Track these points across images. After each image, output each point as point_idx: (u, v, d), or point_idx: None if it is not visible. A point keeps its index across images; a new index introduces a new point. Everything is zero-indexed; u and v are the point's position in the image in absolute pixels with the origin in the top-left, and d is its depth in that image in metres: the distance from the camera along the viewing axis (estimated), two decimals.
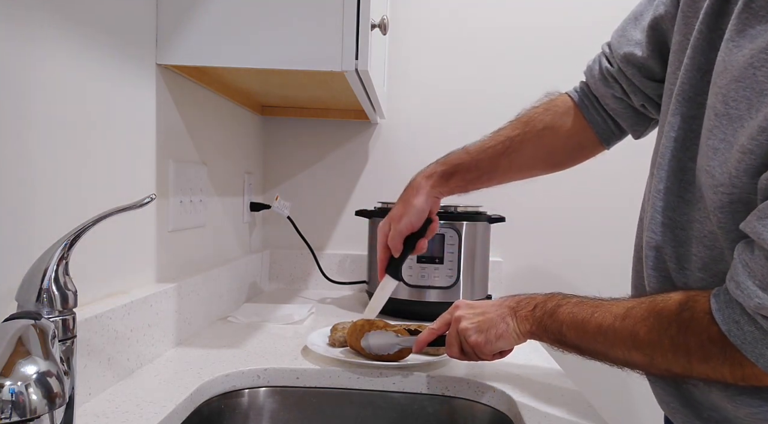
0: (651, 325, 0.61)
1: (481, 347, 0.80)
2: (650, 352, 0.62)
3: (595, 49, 0.94)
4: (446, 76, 1.63)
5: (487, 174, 0.99)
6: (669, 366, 0.61)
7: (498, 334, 0.78)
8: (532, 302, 0.77)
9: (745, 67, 0.53)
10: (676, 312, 0.60)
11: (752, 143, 0.52)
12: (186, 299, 1.00)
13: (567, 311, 0.71)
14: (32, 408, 0.43)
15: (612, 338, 0.65)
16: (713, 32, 0.61)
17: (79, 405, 0.70)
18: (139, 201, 0.58)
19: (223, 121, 1.26)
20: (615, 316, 0.65)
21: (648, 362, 0.63)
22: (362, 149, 1.65)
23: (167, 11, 0.92)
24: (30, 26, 0.63)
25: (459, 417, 0.88)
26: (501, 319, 0.79)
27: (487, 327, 0.79)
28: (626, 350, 0.64)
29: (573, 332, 0.70)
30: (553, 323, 0.72)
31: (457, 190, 1.00)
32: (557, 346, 0.74)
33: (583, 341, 0.69)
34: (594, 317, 0.68)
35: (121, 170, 0.84)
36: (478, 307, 0.83)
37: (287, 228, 1.55)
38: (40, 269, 0.54)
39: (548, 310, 0.74)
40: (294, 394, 0.89)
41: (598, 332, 0.67)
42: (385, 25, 1.01)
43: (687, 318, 0.59)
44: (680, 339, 0.59)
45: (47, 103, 0.66)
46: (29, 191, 0.64)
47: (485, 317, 0.81)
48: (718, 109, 0.57)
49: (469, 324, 0.81)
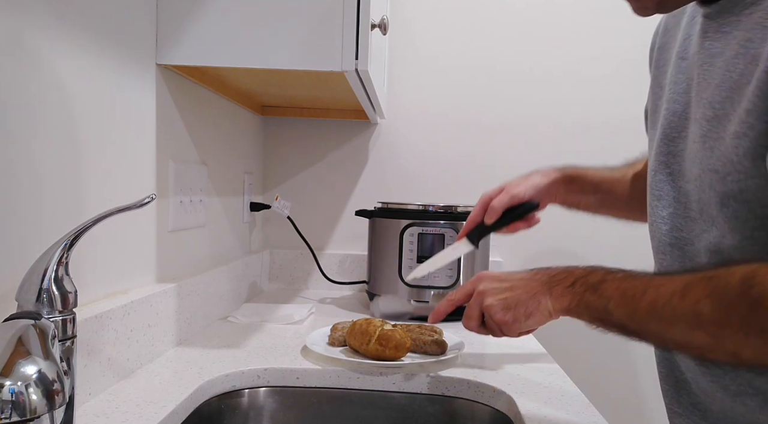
0: (716, 303, 0.56)
1: (509, 325, 0.75)
2: (716, 331, 0.56)
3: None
4: (446, 76, 1.63)
5: (603, 195, 0.97)
6: (738, 348, 0.56)
7: (528, 312, 0.73)
8: (570, 277, 0.71)
9: (722, 74, 0.61)
10: (742, 289, 0.55)
11: (743, 126, 0.57)
12: (186, 299, 1.00)
13: (614, 286, 0.65)
14: (32, 408, 0.43)
15: (670, 317, 0.60)
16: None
17: (79, 405, 0.70)
18: (139, 201, 0.58)
19: (223, 121, 1.26)
20: (672, 293, 0.60)
21: (713, 344, 0.57)
22: (362, 149, 1.65)
23: (167, 11, 0.92)
24: (30, 27, 0.63)
25: (459, 417, 0.88)
26: (531, 296, 0.73)
27: (515, 304, 0.74)
28: (688, 330, 0.59)
29: (621, 310, 0.64)
30: (598, 300, 0.66)
31: (572, 196, 0.97)
32: (597, 324, 0.68)
33: (634, 319, 0.63)
34: (647, 293, 0.62)
35: (121, 170, 0.84)
36: (505, 280, 0.77)
37: (287, 228, 1.55)
38: (40, 269, 0.54)
39: (591, 285, 0.68)
40: (294, 394, 0.89)
41: (652, 311, 0.61)
42: (385, 25, 1.01)
43: (757, 295, 0.54)
44: (752, 319, 0.54)
45: (47, 103, 0.66)
46: (29, 191, 0.64)
47: (514, 293, 0.75)
48: (707, 116, 0.63)
49: (495, 301, 0.75)
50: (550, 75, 1.62)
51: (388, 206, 1.38)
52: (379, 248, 1.37)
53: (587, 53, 1.61)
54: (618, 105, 1.59)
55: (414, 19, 1.61)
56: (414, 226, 1.30)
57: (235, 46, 0.92)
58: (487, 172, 1.63)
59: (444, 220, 1.30)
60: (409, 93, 1.63)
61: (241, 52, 0.93)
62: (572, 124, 1.62)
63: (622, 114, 1.54)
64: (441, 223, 1.30)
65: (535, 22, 1.61)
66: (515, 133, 1.63)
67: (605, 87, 1.60)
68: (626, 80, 1.55)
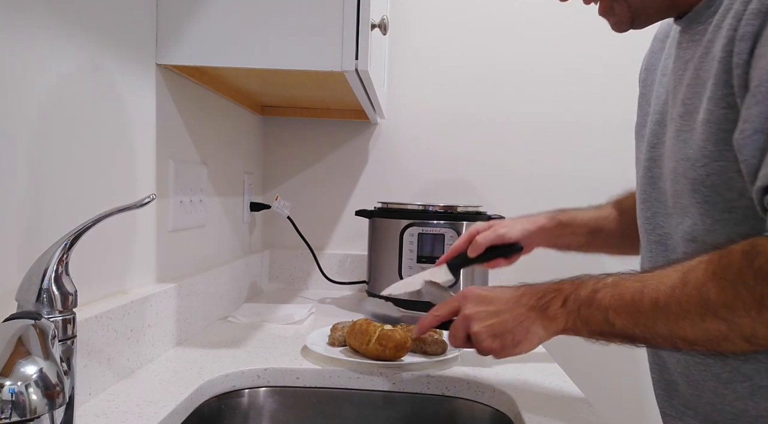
0: (721, 284, 0.55)
1: (497, 353, 0.72)
2: (728, 314, 0.54)
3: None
4: (446, 76, 1.63)
5: (594, 235, 0.98)
6: (754, 328, 0.54)
7: (516, 341, 0.70)
8: (560, 296, 0.68)
9: (692, 74, 0.68)
10: (745, 263, 0.54)
11: (706, 114, 0.63)
12: (186, 299, 1.00)
13: (609, 295, 0.63)
14: (32, 408, 0.43)
15: (676, 312, 0.57)
16: None
17: (79, 405, 0.70)
18: (139, 201, 0.58)
19: (223, 121, 1.26)
20: (672, 286, 0.58)
21: (727, 329, 0.55)
22: (362, 149, 1.65)
23: (167, 11, 0.92)
24: (30, 27, 0.63)
25: (459, 417, 0.88)
26: (519, 323, 0.70)
27: (502, 332, 0.71)
28: (698, 321, 0.56)
29: (623, 318, 0.61)
30: (595, 313, 0.63)
31: (564, 239, 0.98)
32: (599, 338, 0.65)
33: (638, 324, 0.60)
34: (645, 293, 0.60)
35: (121, 170, 0.84)
36: (490, 303, 0.74)
37: (287, 228, 1.55)
38: (40, 269, 0.54)
39: (584, 300, 0.65)
40: (294, 394, 0.89)
41: (655, 310, 0.59)
42: (385, 25, 1.01)
43: (761, 265, 0.53)
44: (763, 290, 0.52)
45: (47, 103, 0.66)
46: (29, 191, 0.64)
47: (500, 318, 0.71)
48: (680, 112, 0.68)
49: (482, 327, 0.72)
50: (550, 75, 1.62)
51: (388, 206, 1.38)
52: (379, 248, 1.37)
53: (587, 53, 1.61)
54: (618, 105, 1.58)
55: (414, 19, 1.61)
56: (414, 226, 1.30)
57: (235, 46, 0.92)
58: (486, 172, 1.64)
59: (444, 220, 1.30)
60: (409, 93, 1.63)
61: (241, 52, 0.93)
62: (572, 124, 1.62)
63: (622, 114, 1.53)
64: (441, 223, 1.30)
65: (535, 22, 1.61)
66: (515, 133, 1.63)
67: (606, 87, 1.60)
68: (626, 80, 1.54)
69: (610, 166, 1.54)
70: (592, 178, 1.57)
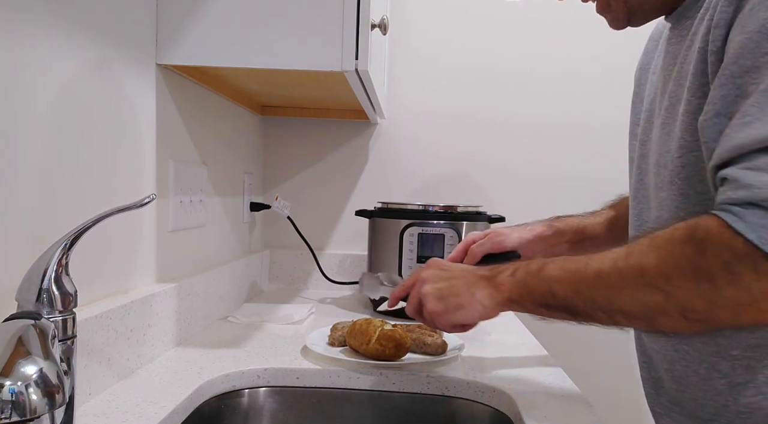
0: (661, 254, 0.55)
1: (439, 316, 0.72)
2: (666, 285, 0.55)
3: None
4: (446, 76, 1.63)
5: (589, 242, 0.98)
6: (690, 300, 0.54)
7: (459, 304, 0.71)
8: (512, 267, 0.70)
9: (678, 68, 0.68)
10: (687, 234, 0.54)
11: (686, 104, 0.63)
12: (186, 299, 1.00)
13: (556, 266, 0.65)
14: (32, 408, 0.43)
15: (615, 282, 0.58)
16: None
17: (79, 405, 0.70)
18: (139, 201, 0.58)
19: (223, 121, 1.26)
20: (615, 258, 0.59)
21: (664, 301, 0.55)
22: (362, 149, 1.65)
23: (167, 11, 0.92)
24: (29, 27, 0.63)
25: (459, 417, 0.88)
26: (467, 288, 0.71)
27: (449, 294, 0.72)
28: (636, 291, 0.57)
29: (566, 287, 0.62)
30: (540, 282, 0.65)
31: (560, 247, 0.98)
32: (542, 311, 0.66)
33: (579, 294, 0.61)
34: (590, 265, 0.61)
35: (121, 170, 0.84)
36: (448, 270, 0.76)
37: (287, 228, 1.55)
38: (40, 269, 0.54)
39: (532, 270, 0.67)
40: (294, 394, 0.89)
41: (597, 279, 0.60)
42: (385, 25, 1.01)
43: (702, 237, 0.53)
44: (700, 262, 0.53)
45: (47, 103, 0.66)
46: (29, 191, 0.64)
47: (450, 282, 0.73)
48: (665, 105, 0.69)
49: (432, 289, 0.73)
50: (550, 75, 1.62)
51: (388, 206, 1.38)
52: (379, 248, 1.37)
53: (587, 53, 1.61)
54: (618, 105, 1.57)
55: (414, 19, 1.61)
56: (414, 226, 1.30)
57: (235, 46, 0.92)
58: (486, 172, 1.64)
59: (444, 220, 1.30)
60: (409, 93, 1.63)
61: (241, 52, 0.93)
62: (572, 124, 1.62)
63: (622, 114, 1.52)
64: (441, 223, 1.30)
65: (535, 22, 1.61)
66: (515, 133, 1.63)
67: (605, 87, 1.60)
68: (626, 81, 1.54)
69: (610, 166, 1.53)
70: (591, 178, 1.57)
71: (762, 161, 0.51)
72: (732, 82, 0.55)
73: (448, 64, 1.62)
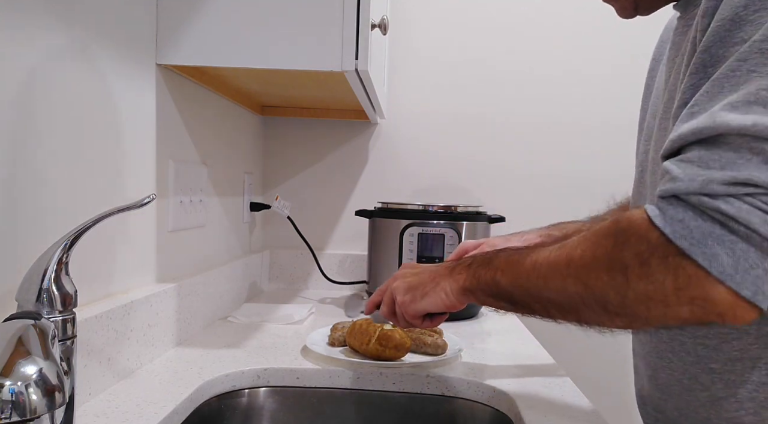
0: (586, 245, 0.56)
1: (406, 305, 0.75)
2: (585, 275, 0.55)
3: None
4: (446, 76, 1.63)
5: None
6: (605, 291, 0.54)
7: (424, 292, 0.74)
8: (470, 259, 0.71)
9: (679, 62, 0.64)
10: (612, 226, 0.55)
11: (680, 100, 0.59)
12: (186, 299, 1.00)
13: (504, 257, 0.65)
14: (32, 408, 0.43)
15: (545, 272, 0.59)
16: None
17: (79, 405, 0.70)
18: (139, 201, 0.58)
19: (223, 121, 1.26)
20: (552, 249, 0.60)
21: (583, 292, 0.56)
22: (362, 149, 1.65)
23: (167, 11, 0.92)
24: (30, 27, 0.63)
25: (459, 417, 0.88)
26: (432, 279, 0.74)
27: (416, 285, 0.75)
28: (560, 281, 0.57)
29: (507, 277, 0.63)
30: (487, 272, 0.66)
31: None
32: (491, 301, 0.67)
33: (516, 284, 0.62)
34: (530, 256, 0.62)
35: (121, 170, 0.84)
36: (418, 267, 0.80)
37: (287, 228, 1.55)
38: (40, 269, 0.54)
39: (484, 260, 0.68)
40: (294, 394, 0.89)
41: (532, 270, 0.61)
42: (385, 25, 1.01)
43: (624, 228, 0.53)
44: (616, 253, 0.53)
45: (47, 103, 0.66)
46: (29, 191, 0.64)
47: (418, 276, 0.76)
48: (665, 100, 0.67)
49: (401, 282, 0.77)
50: (550, 75, 1.63)
51: (388, 206, 1.38)
52: (379, 248, 1.37)
53: (587, 53, 1.61)
54: (618, 105, 1.59)
55: (414, 19, 1.61)
56: (414, 226, 1.30)
57: (235, 46, 0.92)
58: (486, 172, 1.64)
59: (444, 220, 1.30)
60: (409, 93, 1.63)
61: (241, 52, 0.93)
62: (572, 124, 1.62)
63: (622, 114, 1.54)
64: (441, 223, 1.30)
65: (535, 22, 1.61)
66: (515, 132, 1.63)
67: (605, 87, 1.60)
68: (626, 80, 1.55)
69: (610, 166, 1.54)
70: (591, 178, 1.57)
71: (694, 154, 0.51)
72: (703, 71, 0.54)
73: (448, 64, 1.62)
